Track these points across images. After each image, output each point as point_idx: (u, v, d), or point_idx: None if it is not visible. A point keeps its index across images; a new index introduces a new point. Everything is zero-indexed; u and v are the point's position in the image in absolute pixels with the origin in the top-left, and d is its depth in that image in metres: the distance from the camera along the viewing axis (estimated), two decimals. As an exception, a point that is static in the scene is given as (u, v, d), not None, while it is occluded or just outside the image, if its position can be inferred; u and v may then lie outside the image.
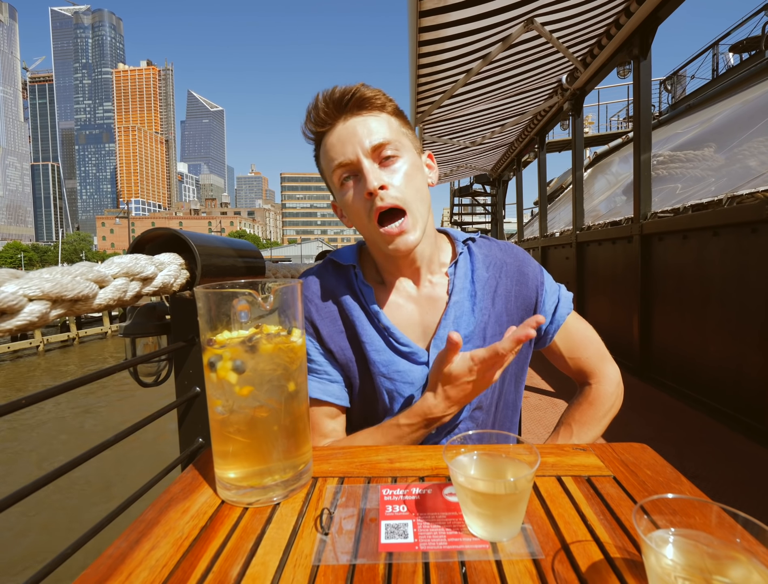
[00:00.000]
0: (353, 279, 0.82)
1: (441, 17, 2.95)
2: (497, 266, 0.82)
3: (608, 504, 0.52)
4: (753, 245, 2.28)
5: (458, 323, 0.78)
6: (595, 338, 0.88)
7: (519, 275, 0.82)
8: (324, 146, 0.75)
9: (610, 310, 3.96)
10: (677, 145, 4.99)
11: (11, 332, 0.58)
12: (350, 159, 0.71)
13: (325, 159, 0.76)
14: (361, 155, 0.71)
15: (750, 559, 0.34)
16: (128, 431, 0.82)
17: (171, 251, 0.96)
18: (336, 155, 0.72)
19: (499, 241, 0.88)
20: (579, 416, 0.83)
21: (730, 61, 8.50)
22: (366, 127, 0.71)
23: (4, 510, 0.58)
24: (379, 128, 0.72)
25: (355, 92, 0.71)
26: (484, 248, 0.85)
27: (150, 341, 1.09)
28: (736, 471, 1.91)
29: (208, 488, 0.58)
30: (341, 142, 0.72)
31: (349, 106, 0.72)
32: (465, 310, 0.79)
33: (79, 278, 0.67)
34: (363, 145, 0.71)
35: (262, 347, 0.54)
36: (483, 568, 0.42)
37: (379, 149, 0.71)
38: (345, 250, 0.86)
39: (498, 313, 0.80)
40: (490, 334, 0.79)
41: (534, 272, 0.84)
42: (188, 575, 0.42)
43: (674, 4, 2.98)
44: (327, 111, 0.72)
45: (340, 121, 0.73)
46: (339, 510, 0.52)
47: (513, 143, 7.30)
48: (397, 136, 0.74)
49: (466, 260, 0.83)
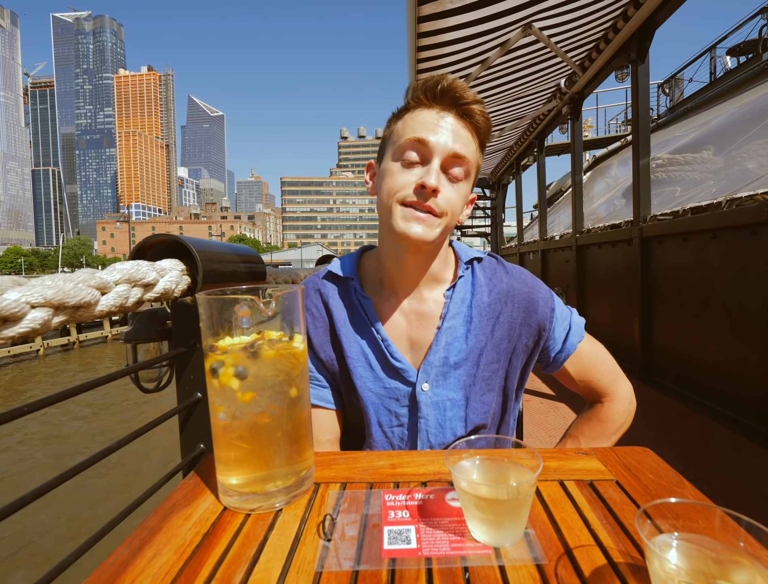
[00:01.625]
0: (352, 292, 0.82)
1: (439, 22, 2.97)
2: (503, 292, 0.80)
3: (611, 508, 0.52)
4: (752, 247, 2.28)
5: (449, 350, 0.77)
6: (607, 359, 0.86)
7: (527, 302, 0.79)
8: (412, 116, 0.73)
9: (610, 313, 3.96)
10: (676, 148, 5.01)
11: (14, 340, 0.58)
12: (431, 144, 0.70)
13: (406, 126, 0.73)
14: (439, 151, 0.70)
15: (753, 563, 0.34)
16: (130, 438, 0.82)
17: (172, 257, 0.96)
18: (422, 131, 0.70)
19: (508, 264, 0.85)
20: (588, 432, 0.83)
21: (727, 64, 8.54)
22: (459, 135, 0.71)
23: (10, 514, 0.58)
24: (468, 145, 0.72)
25: (473, 102, 0.72)
26: (488, 271, 0.82)
27: (151, 347, 1.09)
28: (739, 474, 1.91)
29: (210, 494, 0.58)
30: (433, 127, 0.71)
31: (460, 107, 0.72)
32: (458, 335, 0.78)
33: (81, 284, 0.67)
34: (447, 145, 0.70)
35: (264, 353, 0.54)
36: (486, 574, 0.42)
37: (455, 160, 0.71)
38: (344, 260, 0.86)
39: (497, 340, 0.78)
40: (485, 361, 0.78)
41: (544, 298, 0.81)
42: (191, 582, 0.42)
43: (672, 8, 3.00)
44: (441, 94, 0.71)
45: (442, 111, 0.72)
46: (341, 516, 0.52)
47: (512, 147, 7.32)
48: (473, 163, 0.74)
49: (467, 283, 0.81)
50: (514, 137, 6.76)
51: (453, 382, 0.77)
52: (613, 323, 3.85)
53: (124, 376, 0.86)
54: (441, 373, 0.77)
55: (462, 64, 3.74)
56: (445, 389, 0.77)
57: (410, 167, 0.71)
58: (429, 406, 0.77)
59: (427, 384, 0.77)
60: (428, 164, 0.70)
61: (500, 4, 2.94)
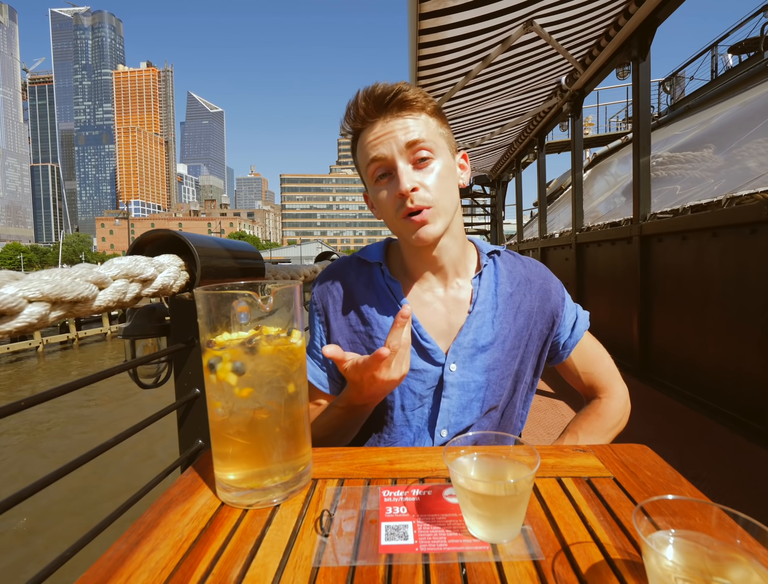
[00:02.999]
0: (379, 276, 0.85)
1: (441, 19, 2.96)
2: (522, 283, 0.85)
3: (608, 505, 0.52)
4: (752, 245, 2.28)
5: (478, 333, 0.81)
6: (606, 357, 0.91)
7: (543, 292, 0.85)
8: (361, 142, 0.77)
9: (609, 311, 3.96)
10: (676, 146, 5.00)
11: (11, 334, 0.58)
12: (385, 155, 0.73)
13: (361, 154, 0.77)
14: (396, 154, 0.72)
15: (750, 560, 0.34)
16: (128, 433, 0.82)
17: (171, 252, 0.96)
18: (372, 150, 0.74)
19: (523, 257, 0.90)
20: (586, 426, 0.84)
21: (729, 62, 8.51)
22: (404, 126, 0.72)
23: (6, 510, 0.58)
24: (416, 127, 0.73)
25: (397, 93, 0.72)
26: (508, 263, 0.87)
27: (149, 342, 1.09)
28: (736, 472, 1.91)
29: (207, 490, 0.58)
30: (378, 139, 0.73)
31: (389, 107, 0.73)
32: (486, 320, 0.81)
33: (79, 279, 0.67)
34: (399, 142, 0.72)
35: (262, 349, 0.54)
36: (483, 570, 0.42)
37: (413, 147, 0.72)
38: (372, 247, 0.89)
39: (519, 328, 0.82)
40: (509, 346, 0.82)
41: (556, 288, 0.87)
42: (188, 577, 0.42)
43: (673, 6, 2.98)
44: (367, 109, 0.73)
45: (380, 120, 0.73)
46: (339, 511, 0.52)
47: (512, 144, 7.31)
48: (434, 136, 0.75)
49: (491, 273, 0.85)
50: (514, 134, 6.74)
51: (479, 364, 0.80)
52: (612, 321, 3.85)
53: (123, 371, 0.86)
54: (469, 355, 0.80)
55: (463, 61, 3.73)
56: (471, 371, 0.80)
57: (385, 183, 0.75)
58: (455, 386, 0.80)
59: (455, 365, 0.80)
60: (394, 170, 0.73)
61: (502, 2, 2.93)
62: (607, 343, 0.91)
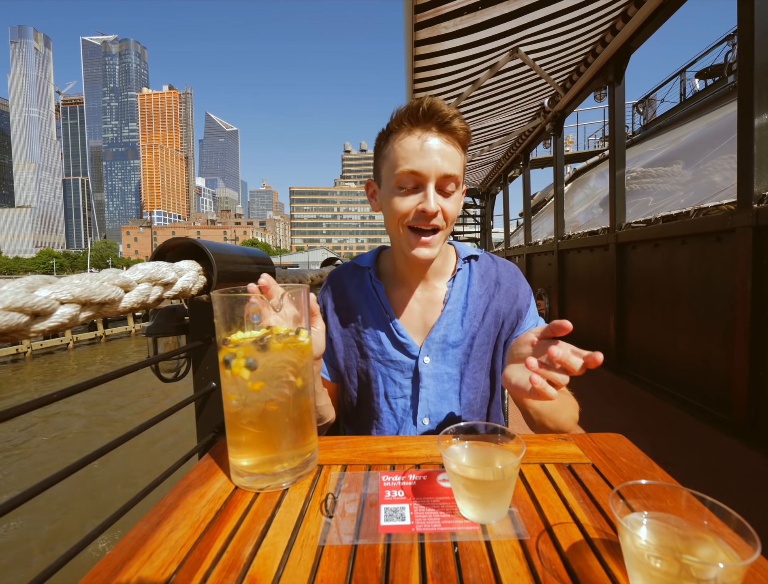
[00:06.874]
0: (368, 279, 0.89)
1: (434, 46, 2.97)
2: (492, 285, 0.85)
3: (588, 489, 0.52)
4: (718, 252, 2.28)
5: (449, 330, 0.83)
6: None
7: (508, 295, 0.85)
8: (401, 143, 0.73)
9: (588, 312, 3.96)
10: (649, 162, 5.01)
11: (44, 333, 0.58)
12: (422, 173, 0.71)
13: (397, 155, 0.73)
14: (432, 176, 0.71)
15: (717, 540, 0.34)
16: (150, 423, 0.81)
17: (190, 258, 0.95)
18: (412, 161, 0.71)
19: (500, 260, 0.90)
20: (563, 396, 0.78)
21: (696, 86, 8.54)
22: (445, 155, 0.72)
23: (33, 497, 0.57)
24: (454, 160, 0.73)
25: (451, 119, 0.71)
26: (483, 267, 0.87)
27: (170, 340, 1.09)
28: (704, 458, 1.91)
29: (222, 475, 0.58)
30: (421, 153, 0.71)
31: (441, 126, 0.72)
32: (456, 319, 0.83)
33: (106, 283, 0.67)
34: (438, 169, 0.71)
35: (273, 347, 0.54)
36: (473, 548, 0.42)
37: (447, 179, 0.73)
38: (366, 254, 0.93)
39: (487, 326, 0.84)
40: (477, 343, 0.83)
41: (524, 294, 0.86)
42: (204, 555, 0.42)
43: (645, 35, 3.00)
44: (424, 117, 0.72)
45: (427, 132, 0.72)
46: (342, 495, 0.52)
47: (500, 160, 7.32)
48: (461, 171, 0.75)
49: (465, 276, 0.87)
50: (501, 151, 6.75)
51: (450, 359, 0.82)
52: (591, 321, 3.84)
53: (146, 367, 0.85)
54: (440, 349, 0.82)
55: (454, 84, 3.74)
56: (443, 364, 0.82)
57: (408, 194, 0.74)
58: (429, 377, 0.82)
59: (428, 358, 0.82)
60: (424, 189, 0.72)
61: (490, 30, 2.94)
62: (586, 341, 0.90)
